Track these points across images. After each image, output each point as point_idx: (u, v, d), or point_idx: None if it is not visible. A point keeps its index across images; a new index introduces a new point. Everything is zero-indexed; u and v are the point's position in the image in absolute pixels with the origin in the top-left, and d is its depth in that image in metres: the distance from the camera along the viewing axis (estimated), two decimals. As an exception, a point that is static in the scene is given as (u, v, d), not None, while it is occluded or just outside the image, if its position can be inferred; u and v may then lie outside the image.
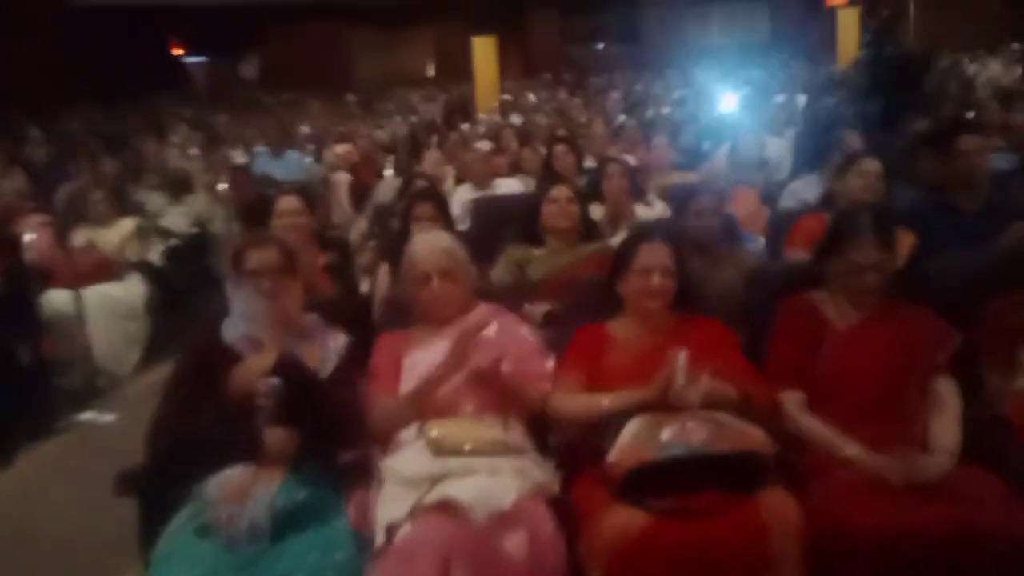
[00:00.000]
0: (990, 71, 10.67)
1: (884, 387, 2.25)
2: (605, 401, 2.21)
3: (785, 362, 2.33)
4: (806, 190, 4.09)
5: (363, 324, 2.59)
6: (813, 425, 2.23)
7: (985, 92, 8.28)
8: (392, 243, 3.48)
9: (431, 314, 2.43)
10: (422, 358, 2.32)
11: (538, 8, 18.34)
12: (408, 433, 2.21)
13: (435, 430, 2.13)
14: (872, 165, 3.22)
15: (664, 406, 2.09)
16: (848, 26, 12.91)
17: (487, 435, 2.15)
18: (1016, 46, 12.62)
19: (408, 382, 2.29)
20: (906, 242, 3.14)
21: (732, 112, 7.89)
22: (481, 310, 2.43)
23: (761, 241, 3.77)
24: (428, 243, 2.51)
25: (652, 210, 4.28)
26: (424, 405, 2.22)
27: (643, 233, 2.49)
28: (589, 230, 3.49)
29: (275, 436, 2.06)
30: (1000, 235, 3.13)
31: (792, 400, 2.27)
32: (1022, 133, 5.29)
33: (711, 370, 2.09)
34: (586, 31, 19.83)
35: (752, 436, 2.03)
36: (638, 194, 4.40)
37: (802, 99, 9.92)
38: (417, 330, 2.44)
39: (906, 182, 4.31)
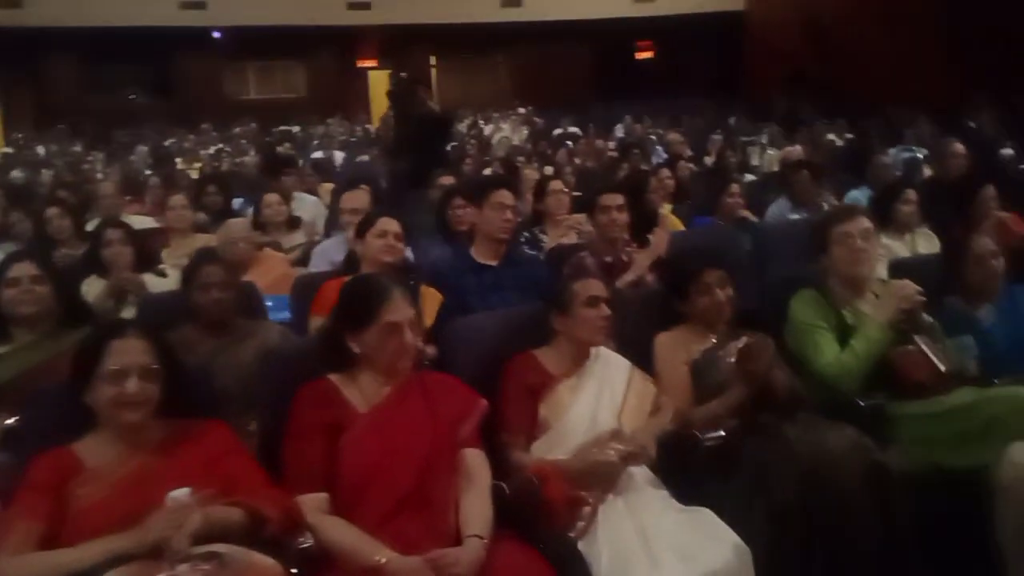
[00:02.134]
0: (502, 131, 11.89)
1: (414, 474, 2.02)
2: (69, 557, 1.66)
3: (303, 460, 2.00)
4: (337, 250, 3.88)
5: None
6: (337, 532, 1.92)
7: (499, 150, 9.11)
8: None
9: None
10: None
11: (52, 52, 16.19)
12: None
13: None
14: (390, 224, 3.08)
15: (155, 552, 1.62)
16: (379, 86, 13.52)
17: None
18: (523, 110, 14.32)
19: None
20: (433, 300, 3.08)
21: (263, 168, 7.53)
22: None
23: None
24: None
25: (167, 281, 3.70)
26: None
27: (112, 327, 1.98)
28: (76, 314, 2.81)
29: None
30: (517, 287, 3.25)
31: (313, 505, 1.94)
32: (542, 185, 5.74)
33: (209, 497, 1.67)
34: (114, 80, 18.03)
35: (258, 567, 1.64)
36: (149, 262, 3.79)
37: (340, 156, 10.05)
38: None
39: (435, 238, 4.39)
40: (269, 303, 3.44)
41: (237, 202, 5.84)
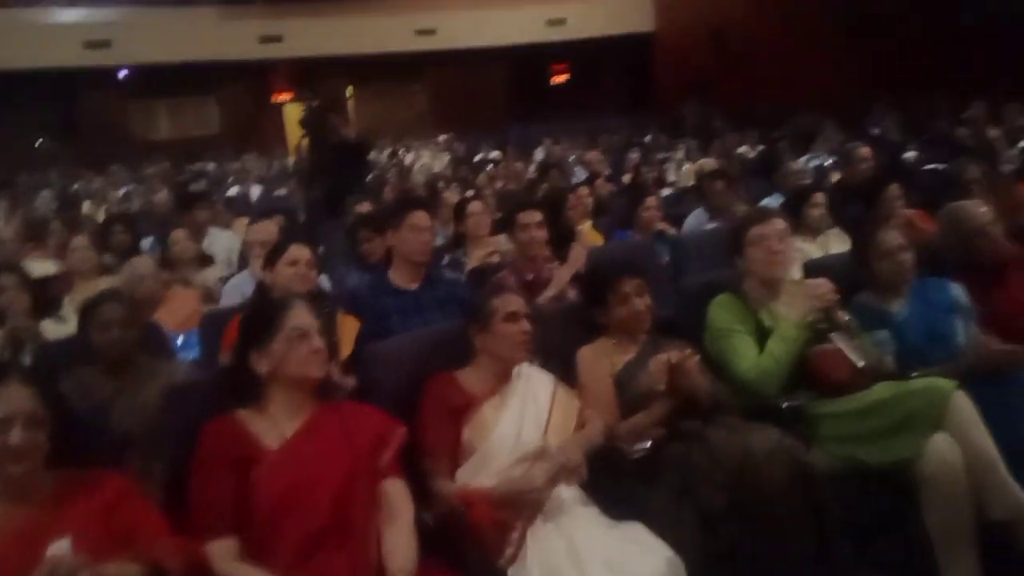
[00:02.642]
0: (422, 159, 11.83)
1: (331, 507, 1.92)
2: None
3: (210, 502, 1.89)
4: (249, 284, 3.75)
5: None
6: None
7: (420, 177, 9.05)
8: None
9: None
10: None
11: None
12: None
13: None
14: (301, 252, 2.99)
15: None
16: (295, 119, 13.32)
17: None
18: (442, 136, 14.30)
19: None
20: (351, 327, 2.99)
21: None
22: None
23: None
24: None
25: (66, 326, 3.52)
26: None
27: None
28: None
29: None
30: (439, 308, 3.18)
31: (221, 552, 1.83)
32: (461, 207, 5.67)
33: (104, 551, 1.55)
34: (17, 124, 17.30)
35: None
36: (49, 308, 3.61)
37: (257, 191, 9.85)
38: None
39: (352, 265, 4.30)
40: (179, 340, 3.30)
41: (147, 241, 5.62)
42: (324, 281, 3.83)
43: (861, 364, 2.55)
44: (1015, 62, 8.94)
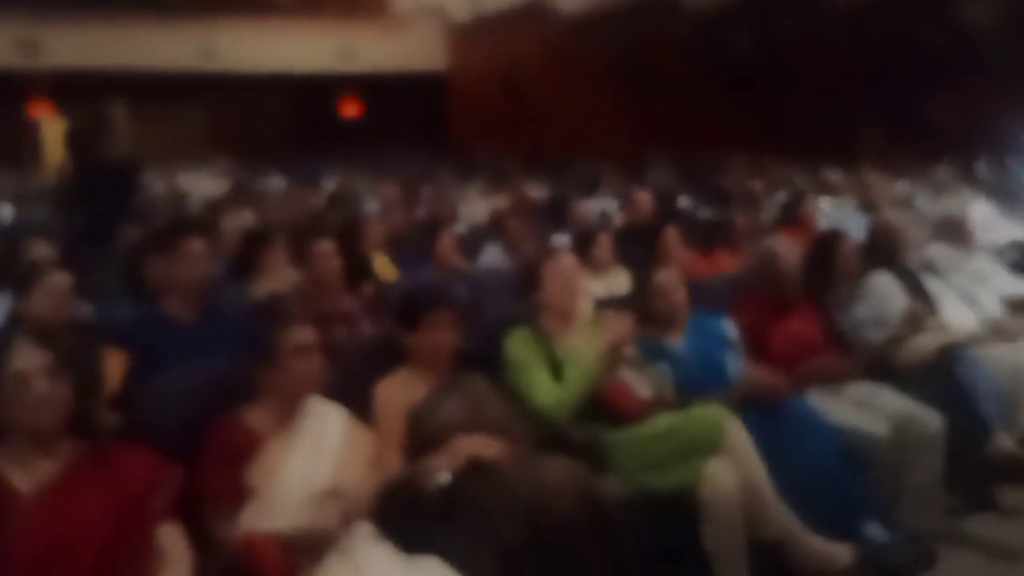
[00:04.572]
0: (199, 183, 11.20)
1: (95, 561, 1.73)
2: None
3: None
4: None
5: None
6: None
7: (196, 202, 8.54)
8: None
9: None
10: None
11: None
12: None
13: None
14: (61, 279, 2.69)
15: None
16: (54, 137, 12.23)
17: None
18: (223, 160, 13.59)
19: None
20: (118, 362, 2.71)
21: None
22: None
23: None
24: None
25: None
26: None
27: None
28: None
29: None
30: (221, 343, 2.96)
31: None
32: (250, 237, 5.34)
33: None
34: None
35: None
36: None
37: (8, 210, 8.89)
38: None
39: (121, 296, 3.92)
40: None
41: None
42: (87, 311, 3.46)
43: (646, 395, 2.67)
44: (776, 119, 10.02)
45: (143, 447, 1.97)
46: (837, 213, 5.97)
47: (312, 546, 1.99)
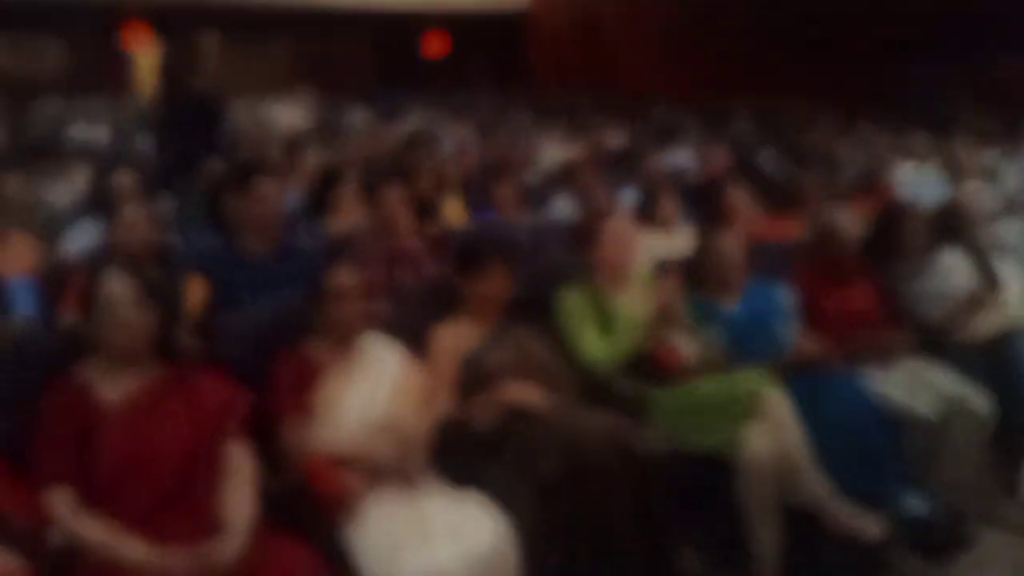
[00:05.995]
0: (285, 112, 11.43)
1: (172, 468, 1.94)
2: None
3: (51, 456, 1.90)
4: (91, 234, 3.56)
5: None
6: (87, 528, 1.83)
7: (278, 134, 8.74)
8: None
9: None
10: None
11: None
12: None
13: None
14: (138, 212, 2.87)
15: None
16: (149, 66, 12.60)
17: None
18: (308, 92, 13.80)
19: None
20: (200, 290, 2.90)
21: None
22: None
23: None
24: None
25: None
26: None
27: None
28: None
29: None
30: (291, 280, 3.12)
31: (60, 501, 1.86)
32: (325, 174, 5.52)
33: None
34: None
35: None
36: None
37: (104, 134, 9.27)
38: None
39: (205, 226, 4.12)
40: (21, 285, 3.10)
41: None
42: (174, 240, 3.68)
43: (694, 357, 2.74)
44: (866, 76, 9.65)
45: (220, 372, 2.15)
46: (919, 180, 5.81)
47: (369, 472, 2.17)
